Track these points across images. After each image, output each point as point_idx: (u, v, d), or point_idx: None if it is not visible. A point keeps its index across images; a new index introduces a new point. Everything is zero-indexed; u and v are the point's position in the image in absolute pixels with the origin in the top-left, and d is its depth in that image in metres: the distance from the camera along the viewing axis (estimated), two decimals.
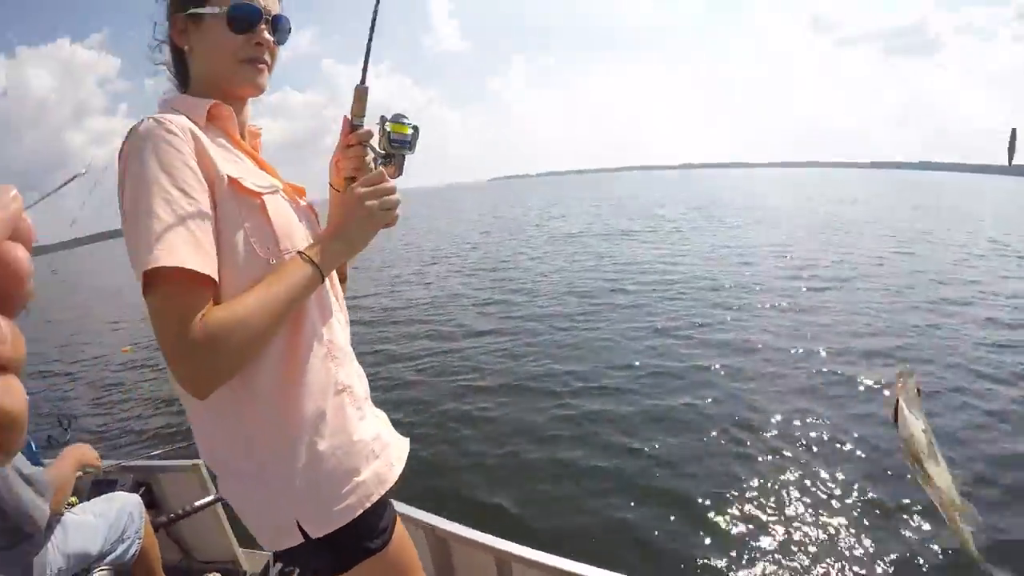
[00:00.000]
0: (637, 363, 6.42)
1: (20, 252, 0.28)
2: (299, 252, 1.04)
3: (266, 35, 1.13)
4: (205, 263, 0.92)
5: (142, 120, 0.99)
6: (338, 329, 1.18)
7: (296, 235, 1.09)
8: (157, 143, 0.95)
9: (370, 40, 1.14)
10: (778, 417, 4.98)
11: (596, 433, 4.93)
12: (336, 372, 1.13)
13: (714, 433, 4.80)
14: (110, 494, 2.38)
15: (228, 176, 1.01)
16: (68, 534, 2.04)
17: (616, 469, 4.39)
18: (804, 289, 9.92)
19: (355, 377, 1.19)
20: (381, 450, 1.18)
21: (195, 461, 2.68)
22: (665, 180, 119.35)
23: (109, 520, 2.19)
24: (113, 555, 2.16)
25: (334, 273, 1.21)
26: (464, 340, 8.07)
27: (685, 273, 11.71)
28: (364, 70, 1.16)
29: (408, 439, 1.29)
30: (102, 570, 2.13)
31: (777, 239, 16.89)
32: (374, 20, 1.16)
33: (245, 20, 1.10)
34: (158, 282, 0.90)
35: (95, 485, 2.59)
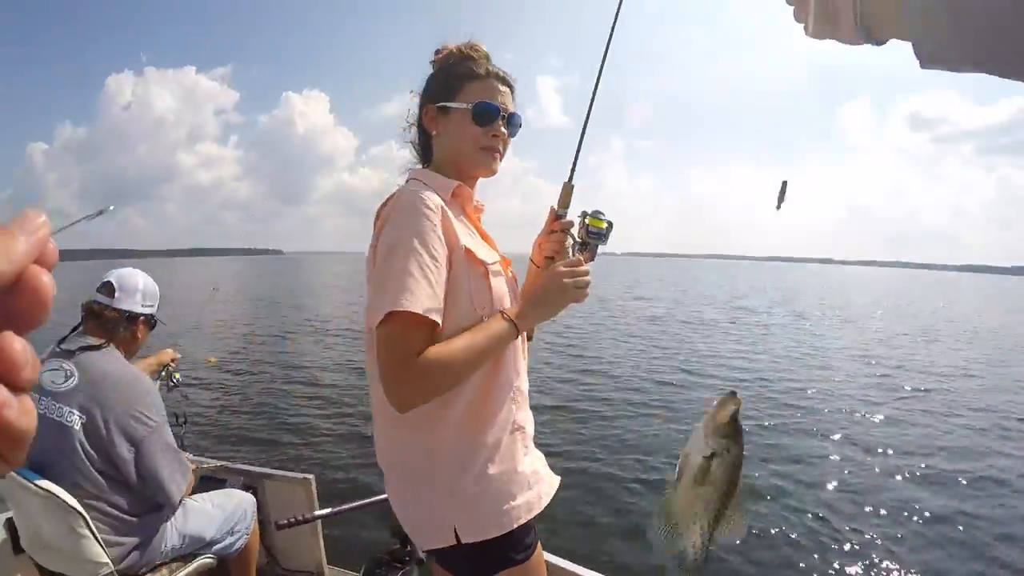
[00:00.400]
0: None
1: (45, 277, 0.29)
2: (501, 312, 1.28)
3: (502, 128, 1.38)
4: (434, 309, 1.16)
5: (403, 190, 1.29)
6: (523, 378, 1.41)
7: (506, 300, 1.33)
8: (417, 214, 1.22)
9: (579, 146, 1.42)
10: (846, 532, 4.75)
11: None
12: (516, 413, 1.36)
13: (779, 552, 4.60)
14: (228, 489, 2.60)
15: (465, 247, 1.26)
16: (188, 517, 2.25)
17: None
18: (885, 398, 9.35)
19: (528, 420, 1.41)
20: (535, 483, 1.37)
21: (307, 475, 2.83)
22: (748, 271, 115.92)
23: (225, 512, 2.39)
24: (220, 545, 2.35)
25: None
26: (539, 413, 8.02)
27: (764, 371, 11.28)
28: (572, 169, 1.43)
29: (559, 478, 1.46)
30: (207, 557, 2.31)
31: (860, 341, 16.22)
32: (584, 129, 1.43)
33: (487, 115, 1.36)
34: (396, 320, 1.14)
35: (203, 481, 2.76)
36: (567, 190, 1.43)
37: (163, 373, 2.86)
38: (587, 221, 1.45)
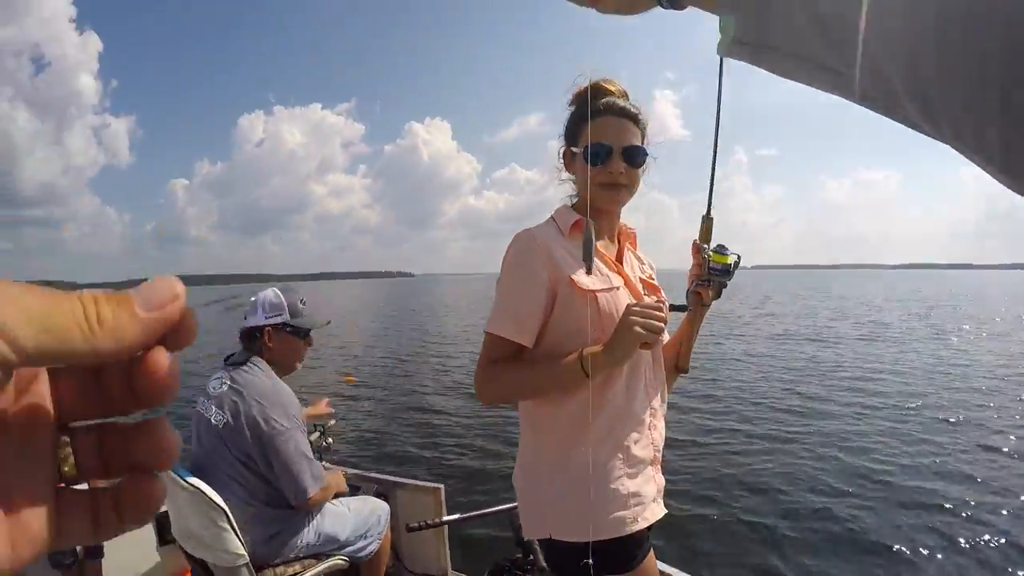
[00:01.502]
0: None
1: (160, 359, 0.26)
2: (580, 352, 1.35)
3: (620, 164, 1.44)
4: (514, 333, 1.40)
5: (518, 232, 1.47)
6: (639, 400, 1.46)
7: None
8: (517, 252, 1.44)
9: (712, 179, 1.44)
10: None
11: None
12: (620, 433, 1.42)
13: None
14: (363, 496, 2.74)
15: (569, 277, 1.39)
16: (325, 518, 2.41)
17: None
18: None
19: (640, 442, 1.46)
20: (635, 505, 1.42)
21: (436, 485, 2.96)
22: (882, 280, 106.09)
23: (360, 517, 2.54)
24: (352, 548, 2.48)
25: (659, 348, 1.54)
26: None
27: (896, 391, 10.06)
28: (709, 203, 1.46)
29: (665, 511, 1.51)
30: (340, 558, 2.44)
31: (1011, 356, 14.13)
32: (714, 159, 1.43)
33: (597, 156, 1.44)
34: (487, 336, 1.44)
35: None
36: (706, 224, 1.47)
37: (318, 432, 3.02)
38: (709, 256, 1.49)
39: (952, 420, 8.13)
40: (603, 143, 1.43)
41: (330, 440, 3.06)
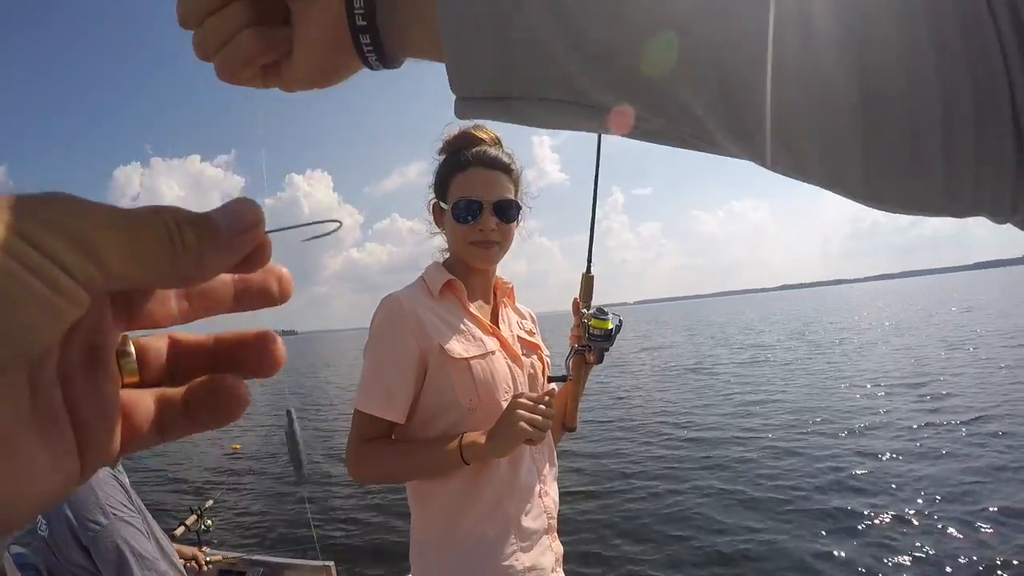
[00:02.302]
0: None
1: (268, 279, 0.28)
2: (461, 436, 1.29)
3: (490, 219, 1.37)
4: (385, 410, 1.32)
5: (383, 299, 1.38)
6: (525, 469, 1.39)
7: (496, 385, 1.34)
8: (382, 322, 1.35)
9: (591, 237, 1.44)
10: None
11: None
12: (508, 506, 1.34)
13: None
14: None
15: (439, 345, 1.31)
16: None
17: None
18: (929, 422, 8.44)
19: (532, 512, 1.38)
20: None
21: (326, 563, 2.77)
22: (758, 303, 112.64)
23: None
24: None
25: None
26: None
27: (784, 411, 10.25)
28: (589, 260, 1.44)
29: None
30: None
31: (885, 361, 15.28)
32: (593, 220, 1.45)
33: (465, 212, 1.37)
34: (355, 414, 1.36)
35: (223, 575, 2.72)
36: (586, 282, 1.43)
37: (195, 515, 2.81)
38: (589, 322, 1.45)
39: (844, 432, 8.44)
40: (472, 199, 1.36)
41: (209, 523, 2.85)
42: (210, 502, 2.93)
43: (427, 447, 1.31)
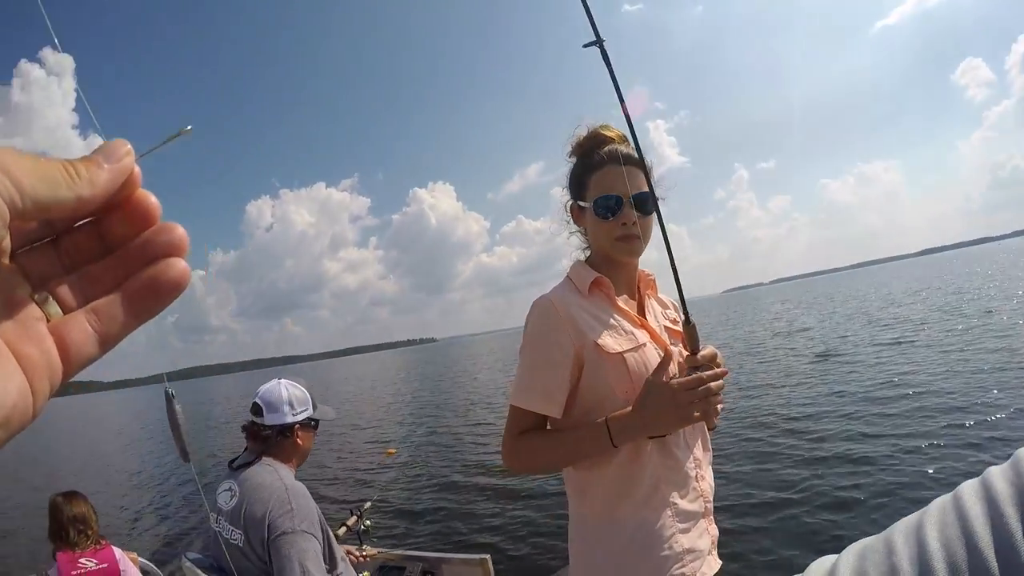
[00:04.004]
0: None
1: (139, 194, 0.31)
2: (606, 419, 1.30)
3: (631, 213, 1.41)
4: (540, 405, 1.38)
5: (537, 299, 1.44)
6: (680, 453, 1.40)
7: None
8: (536, 322, 1.41)
9: (678, 282, 1.43)
10: None
11: None
12: (666, 491, 1.35)
13: None
14: None
15: (594, 341, 1.35)
16: None
17: None
18: None
19: (689, 496, 1.39)
20: (690, 561, 1.35)
21: (482, 556, 2.86)
22: (904, 271, 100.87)
23: None
24: None
25: None
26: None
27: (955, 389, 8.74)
28: (684, 311, 1.42)
29: (720, 563, 1.45)
30: None
31: None
32: (672, 260, 1.42)
33: (606, 209, 1.42)
34: (511, 409, 1.43)
35: (382, 570, 2.87)
36: (689, 332, 1.38)
37: (355, 516, 2.97)
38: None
39: None
40: (611, 195, 1.41)
41: (368, 523, 2.99)
42: (368, 503, 3.08)
43: (575, 433, 1.35)
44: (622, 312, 1.45)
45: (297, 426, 2.25)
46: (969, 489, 0.35)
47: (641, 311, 1.53)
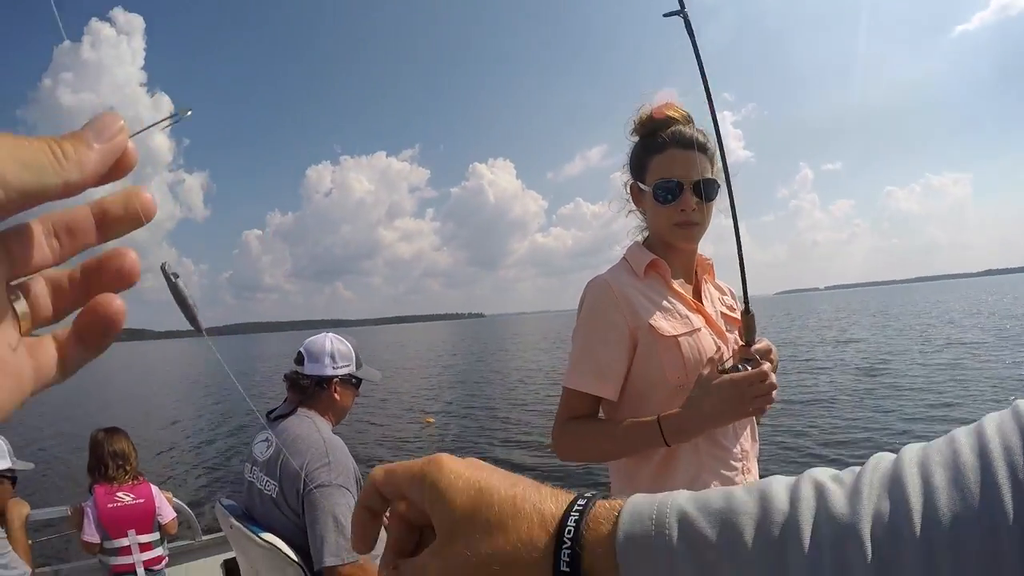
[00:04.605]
0: None
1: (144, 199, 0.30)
2: (658, 418, 1.26)
3: (691, 199, 1.35)
4: (595, 386, 1.35)
5: (592, 280, 1.42)
6: (728, 441, 1.35)
7: (704, 361, 1.32)
8: (592, 302, 1.39)
9: (743, 273, 1.40)
10: None
11: None
12: (709, 481, 1.31)
13: None
14: None
15: (649, 324, 1.32)
16: None
17: None
18: None
19: (736, 478, 1.35)
20: None
21: None
22: (964, 290, 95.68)
23: None
24: None
25: None
26: None
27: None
28: (746, 300, 1.39)
29: None
30: None
31: None
32: (741, 258, 1.40)
33: (667, 194, 1.37)
34: (564, 390, 1.40)
35: None
36: (747, 321, 1.36)
37: None
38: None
39: None
40: (672, 179, 1.36)
41: None
42: None
43: (626, 428, 1.31)
44: (678, 295, 1.41)
45: (336, 380, 2.22)
46: None
47: (698, 295, 1.49)
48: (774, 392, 1.24)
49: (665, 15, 1.35)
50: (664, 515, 0.41)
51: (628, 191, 1.52)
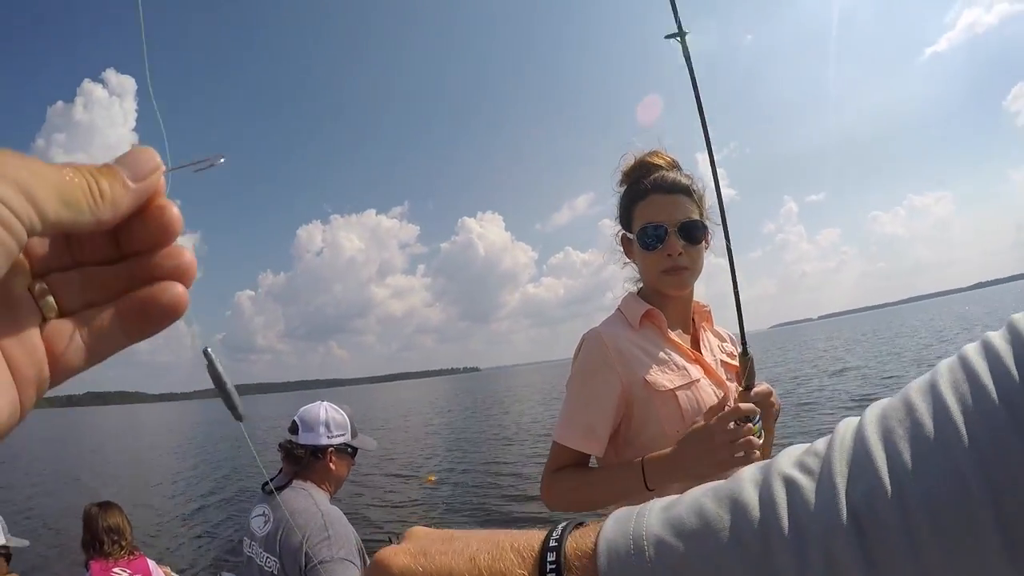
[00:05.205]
0: None
1: (163, 204, 0.29)
2: (643, 459, 1.23)
3: (676, 243, 1.34)
4: (585, 443, 1.33)
5: (586, 334, 1.40)
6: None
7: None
8: (585, 358, 1.37)
9: (739, 312, 1.39)
10: None
11: None
12: None
13: None
14: None
15: (644, 379, 1.30)
16: None
17: None
18: None
19: None
20: None
21: None
22: (955, 306, 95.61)
23: None
24: None
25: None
26: None
27: None
28: (743, 341, 1.36)
29: None
30: None
31: None
32: (736, 292, 1.39)
33: (651, 240, 1.36)
34: (553, 444, 1.38)
35: None
36: (744, 363, 1.33)
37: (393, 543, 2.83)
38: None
39: None
40: (656, 224, 1.35)
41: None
42: (405, 531, 3.00)
43: (609, 472, 1.31)
44: (675, 346, 1.39)
45: (331, 450, 2.17)
46: (972, 350, 0.40)
47: (696, 345, 1.46)
48: (753, 437, 1.17)
49: (666, 37, 1.38)
50: (642, 547, 0.40)
51: (619, 242, 1.52)
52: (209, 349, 0.35)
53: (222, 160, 0.33)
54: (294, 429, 2.18)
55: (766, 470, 0.42)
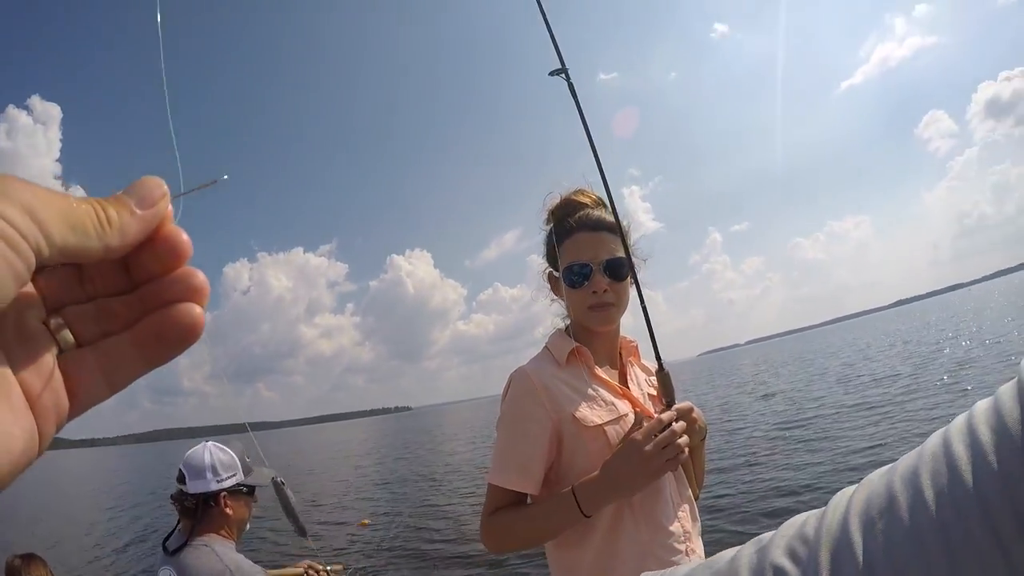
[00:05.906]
0: None
1: (170, 230, 0.29)
2: (573, 487, 1.26)
3: (602, 280, 1.36)
4: (520, 483, 1.32)
5: (513, 372, 1.40)
6: (666, 524, 1.32)
7: None
8: (512, 396, 1.38)
9: (651, 334, 1.43)
10: None
11: None
12: (652, 566, 1.25)
13: None
14: None
15: (573, 415, 1.31)
16: None
17: None
18: None
19: (681, 560, 1.30)
20: None
21: None
22: (877, 324, 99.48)
23: None
24: None
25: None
26: None
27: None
28: (658, 358, 1.40)
29: None
30: None
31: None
32: (646, 314, 1.41)
33: (576, 277, 1.38)
34: (488, 486, 1.37)
35: None
36: (663, 380, 1.38)
37: None
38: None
39: None
40: (581, 263, 1.37)
41: None
42: (339, 566, 2.80)
43: (544, 506, 1.30)
44: (602, 382, 1.40)
45: (224, 494, 1.98)
46: (957, 436, 0.39)
47: (623, 380, 1.48)
48: (681, 440, 1.23)
49: (550, 74, 1.42)
50: None
51: (546, 279, 1.53)
52: (278, 476, 0.35)
53: (225, 177, 0.34)
54: (181, 478, 2.01)
55: (761, 556, 0.43)
